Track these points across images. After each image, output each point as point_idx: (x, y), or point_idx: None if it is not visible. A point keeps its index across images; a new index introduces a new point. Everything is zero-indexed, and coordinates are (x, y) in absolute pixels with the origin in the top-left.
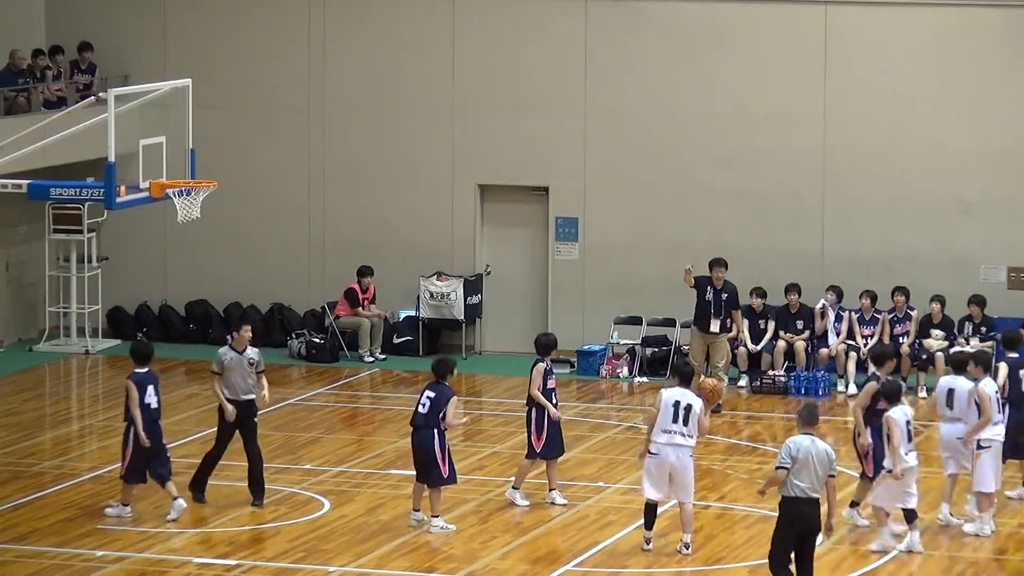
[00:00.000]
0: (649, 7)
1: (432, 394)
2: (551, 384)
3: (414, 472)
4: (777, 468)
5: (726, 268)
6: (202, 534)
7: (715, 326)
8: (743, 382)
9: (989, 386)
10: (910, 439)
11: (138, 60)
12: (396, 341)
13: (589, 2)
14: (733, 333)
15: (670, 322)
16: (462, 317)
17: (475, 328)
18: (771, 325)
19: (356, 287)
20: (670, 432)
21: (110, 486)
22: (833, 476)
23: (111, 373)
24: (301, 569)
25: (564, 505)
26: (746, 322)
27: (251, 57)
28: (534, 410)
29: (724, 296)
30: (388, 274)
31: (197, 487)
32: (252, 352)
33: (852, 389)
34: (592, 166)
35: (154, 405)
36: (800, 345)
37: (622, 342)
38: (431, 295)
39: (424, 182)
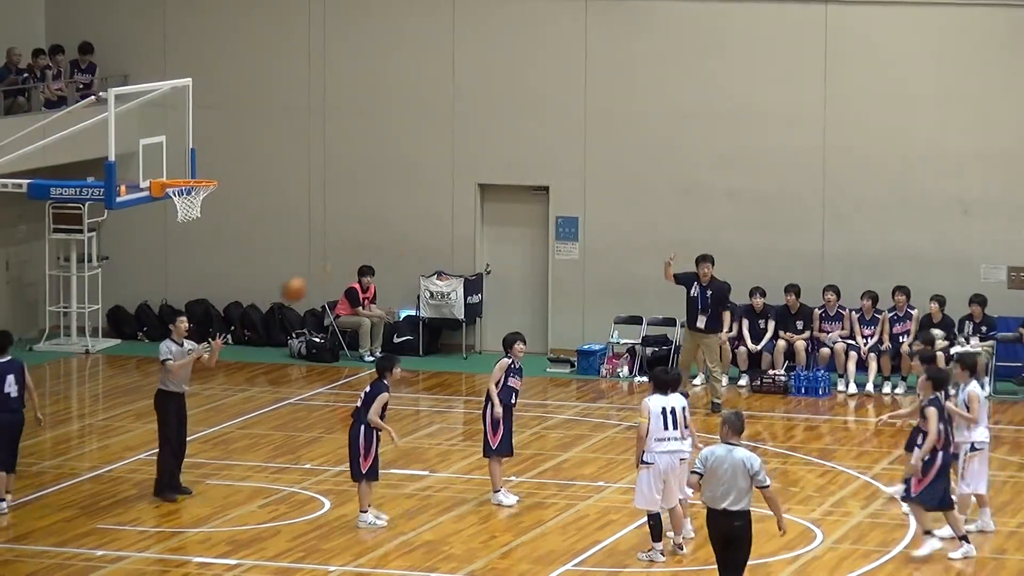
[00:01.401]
0: (649, 7)
1: (368, 390)
2: (513, 383)
3: (412, 472)
4: (691, 472)
5: (712, 264)
6: (202, 534)
7: (701, 322)
8: (743, 381)
9: (978, 388)
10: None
11: (138, 60)
12: (396, 340)
13: (589, 2)
14: (726, 333)
15: (670, 321)
16: (462, 316)
17: (475, 327)
18: (771, 325)
19: (356, 287)
20: (665, 439)
21: (110, 485)
22: (764, 487)
23: (111, 372)
24: (301, 569)
25: (512, 505)
26: (746, 322)
27: (251, 57)
28: (490, 406)
29: (709, 293)
30: (388, 273)
31: (173, 488)
32: (190, 344)
33: (852, 388)
34: (592, 166)
35: (13, 394)
36: (800, 344)
37: (622, 341)
38: (431, 295)
39: (424, 181)
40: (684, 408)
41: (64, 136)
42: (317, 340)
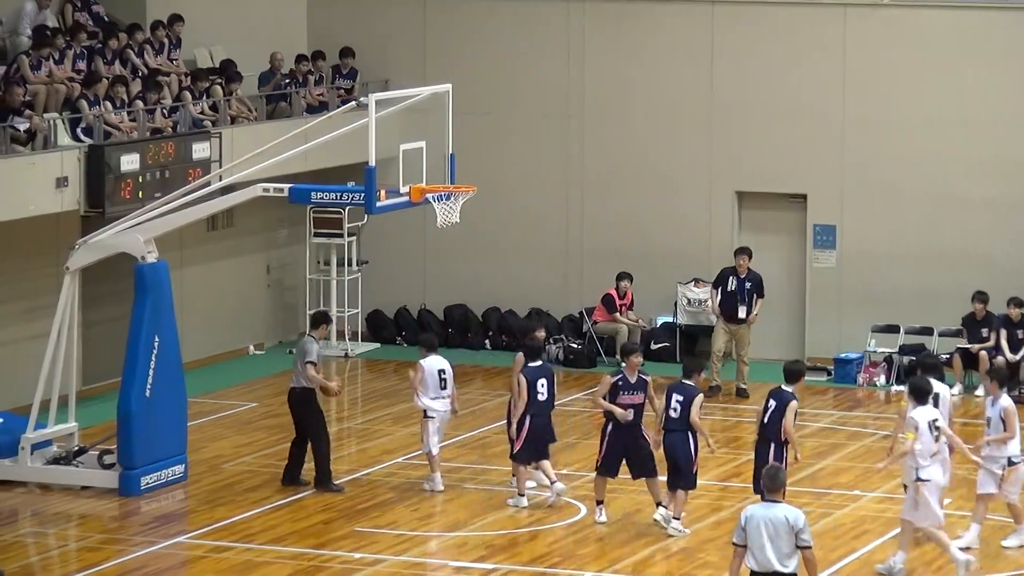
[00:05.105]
0: (906, 15)
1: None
2: (626, 399)
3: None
4: (734, 544)
5: (750, 256)
6: (459, 537)
7: (742, 312)
8: None
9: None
10: None
11: (398, 65)
12: (653, 347)
13: (848, 9)
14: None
15: (928, 331)
16: None
17: None
18: None
19: (614, 292)
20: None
21: (368, 488)
22: (806, 547)
23: (370, 376)
24: (558, 574)
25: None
26: (1004, 332)
27: (510, 63)
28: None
29: (748, 285)
30: (645, 280)
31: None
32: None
33: None
34: (849, 174)
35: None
36: None
37: (879, 350)
38: (688, 301)
39: (681, 189)
40: (947, 412)
41: (325, 141)
42: (574, 346)
